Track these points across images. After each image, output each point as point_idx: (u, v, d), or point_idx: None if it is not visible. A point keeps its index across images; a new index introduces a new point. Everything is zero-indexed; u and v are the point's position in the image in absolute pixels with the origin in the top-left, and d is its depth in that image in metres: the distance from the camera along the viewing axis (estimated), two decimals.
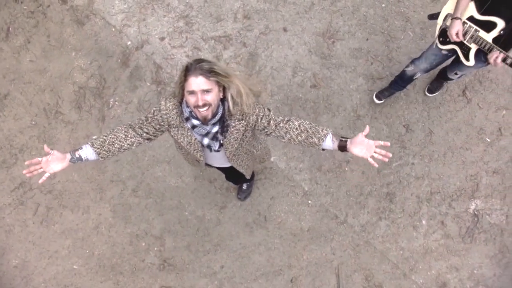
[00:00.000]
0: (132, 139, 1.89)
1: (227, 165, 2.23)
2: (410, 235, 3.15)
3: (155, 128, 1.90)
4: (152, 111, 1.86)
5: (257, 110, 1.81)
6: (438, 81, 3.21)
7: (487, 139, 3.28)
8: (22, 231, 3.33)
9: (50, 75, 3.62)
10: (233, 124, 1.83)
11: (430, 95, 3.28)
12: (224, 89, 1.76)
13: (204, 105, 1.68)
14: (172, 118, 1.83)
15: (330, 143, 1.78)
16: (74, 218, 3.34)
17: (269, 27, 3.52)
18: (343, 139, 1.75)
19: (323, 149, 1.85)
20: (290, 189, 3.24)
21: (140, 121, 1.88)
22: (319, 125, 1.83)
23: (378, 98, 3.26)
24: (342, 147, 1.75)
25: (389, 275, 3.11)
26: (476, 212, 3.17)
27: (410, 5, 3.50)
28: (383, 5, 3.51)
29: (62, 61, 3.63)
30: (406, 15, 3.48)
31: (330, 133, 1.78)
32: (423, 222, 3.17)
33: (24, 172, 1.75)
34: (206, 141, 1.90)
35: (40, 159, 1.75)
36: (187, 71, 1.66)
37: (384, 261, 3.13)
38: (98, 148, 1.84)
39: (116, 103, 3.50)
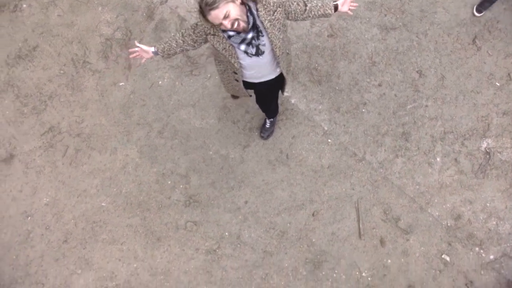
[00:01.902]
0: (181, 47, 2.30)
1: (266, 78, 2.41)
2: (426, 171, 3.30)
3: (197, 36, 2.22)
4: (196, 23, 2.17)
5: None
6: None
7: (496, 83, 3.45)
8: (52, 172, 3.46)
9: (77, 29, 3.78)
10: (273, 18, 2.06)
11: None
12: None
13: (232, 25, 1.92)
14: (207, 27, 2.11)
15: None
16: (102, 159, 3.47)
17: None
18: (335, 3, 2.25)
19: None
20: (310, 129, 3.39)
21: (187, 32, 2.22)
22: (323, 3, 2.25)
23: (479, 11, 3.47)
24: (336, 8, 2.26)
25: (406, 209, 3.25)
26: (487, 150, 3.32)
27: None
28: None
29: (89, 16, 3.80)
30: None
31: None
32: (438, 159, 3.32)
33: (131, 56, 2.41)
34: (243, 47, 2.15)
35: (136, 49, 2.36)
36: (203, 13, 1.91)
37: (401, 196, 3.27)
38: (161, 52, 2.35)
39: None
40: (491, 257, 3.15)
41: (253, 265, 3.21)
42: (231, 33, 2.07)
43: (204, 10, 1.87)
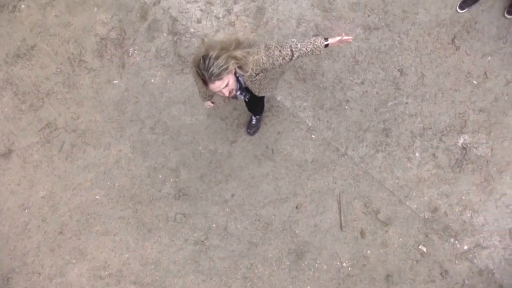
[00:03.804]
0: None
1: None
2: (405, 166, 3.45)
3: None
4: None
5: (268, 60, 2.18)
6: None
7: (474, 81, 3.59)
8: (48, 166, 3.62)
9: (74, 28, 3.94)
10: (254, 79, 2.27)
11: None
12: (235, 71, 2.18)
13: (230, 93, 2.13)
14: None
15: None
16: (96, 154, 3.63)
17: None
18: (326, 43, 2.28)
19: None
20: (295, 125, 3.54)
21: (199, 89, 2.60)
22: (312, 37, 2.23)
23: (461, 7, 3.62)
24: (326, 46, 2.29)
25: (386, 202, 3.40)
26: (464, 146, 3.47)
27: None
28: None
29: (85, 16, 3.96)
30: None
31: (323, 40, 2.27)
32: (417, 154, 3.47)
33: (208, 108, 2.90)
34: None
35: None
36: (205, 82, 2.05)
37: (381, 189, 3.42)
38: (209, 98, 2.72)
39: (136, 51, 3.82)
40: (465, 247, 3.30)
41: (239, 255, 3.37)
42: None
43: (208, 79, 2.02)
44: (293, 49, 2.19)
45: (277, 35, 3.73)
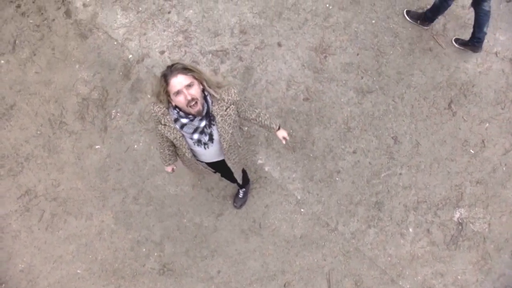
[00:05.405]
0: (168, 146, 2.44)
1: (218, 158, 2.39)
2: (398, 242, 3.31)
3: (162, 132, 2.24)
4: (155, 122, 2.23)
5: (239, 95, 2.19)
6: None
7: (471, 150, 3.44)
8: (28, 237, 3.49)
9: (54, 87, 3.77)
10: (225, 114, 2.12)
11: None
12: (202, 85, 2.04)
13: (192, 99, 1.94)
14: (159, 118, 2.14)
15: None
16: (78, 225, 3.49)
17: (265, 42, 3.68)
18: (279, 125, 2.51)
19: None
20: (283, 198, 3.40)
21: (156, 132, 2.32)
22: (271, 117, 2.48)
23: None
24: (279, 128, 2.52)
25: (377, 280, 3.27)
26: (460, 221, 3.33)
27: (399, 21, 3.67)
28: (373, 21, 3.67)
29: (66, 73, 3.79)
30: (395, 31, 3.65)
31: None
32: (410, 230, 3.33)
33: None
34: (196, 136, 2.16)
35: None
36: (166, 76, 1.94)
37: (372, 267, 3.29)
38: (172, 162, 2.55)
39: (118, 114, 3.66)
40: None
41: None
42: (184, 120, 2.08)
43: (172, 72, 1.91)
44: (256, 107, 2.38)
45: (265, 99, 3.57)
